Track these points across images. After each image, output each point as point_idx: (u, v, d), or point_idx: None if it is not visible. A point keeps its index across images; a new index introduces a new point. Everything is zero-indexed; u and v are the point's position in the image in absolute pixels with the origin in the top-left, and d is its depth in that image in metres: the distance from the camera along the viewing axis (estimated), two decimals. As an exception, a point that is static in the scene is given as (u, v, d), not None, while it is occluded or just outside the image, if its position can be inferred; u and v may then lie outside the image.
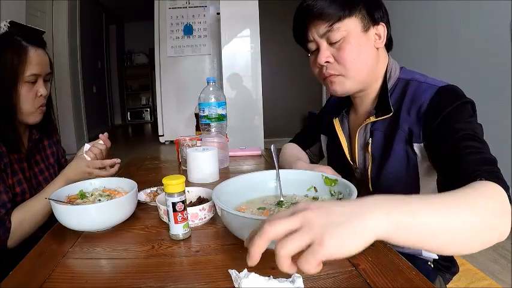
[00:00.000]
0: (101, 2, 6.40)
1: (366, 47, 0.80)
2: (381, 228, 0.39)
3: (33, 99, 0.96)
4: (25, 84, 0.94)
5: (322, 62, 0.80)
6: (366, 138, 0.87)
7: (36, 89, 0.97)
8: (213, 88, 1.22)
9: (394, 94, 0.83)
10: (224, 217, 0.62)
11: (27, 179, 1.00)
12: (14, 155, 0.97)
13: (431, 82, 0.78)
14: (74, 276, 0.56)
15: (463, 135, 0.67)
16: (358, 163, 0.90)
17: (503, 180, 0.57)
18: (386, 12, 0.83)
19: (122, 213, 0.74)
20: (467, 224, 0.45)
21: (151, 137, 6.09)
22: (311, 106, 5.08)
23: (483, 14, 2.54)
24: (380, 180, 0.84)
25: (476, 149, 0.64)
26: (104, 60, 6.86)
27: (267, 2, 4.30)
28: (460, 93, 0.75)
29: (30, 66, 0.93)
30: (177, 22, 4.84)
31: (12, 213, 0.87)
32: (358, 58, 0.79)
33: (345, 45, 0.78)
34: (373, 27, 0.80)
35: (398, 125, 0.79)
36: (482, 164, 0.60)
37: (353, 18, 0.78)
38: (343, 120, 0.95)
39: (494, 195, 0.52)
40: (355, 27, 0.78)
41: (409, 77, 0.83)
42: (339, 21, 0.77)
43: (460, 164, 0.63)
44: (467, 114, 0.71)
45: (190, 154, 1.06)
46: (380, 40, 0.81)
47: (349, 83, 0.82)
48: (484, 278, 1.13)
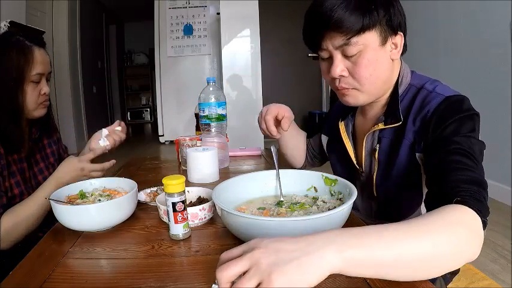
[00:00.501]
0: (101, 2, 6.40)
1: (383, 61, 0.76)
2: (334, 265, 0.39)
3: (37, 98, 0.98)
4: (30, 83, 0.95)
5: (336, 75, 0.76)
6: (373, 144, 0.85)
7: (40, 88, 0.98)
8: (213, 88, 1.22)
9: (404, 101, 0.80)
10: (224, 217, 0.62)
11: (27, 179, 1.00)
12: (13, 156, 0.96)
13: (439, 91, 0.75)
14: (74, 276, 0.56)
15: (455, 149, 0.64)
16: (365, 168, 0.88)
17: (483, 202, 0.55)
18: (404, 16, 0.77)
19: (122, 213, 0.74)
20: (426, 254, 0.45)
21: (151, 137, 6.09)
22: (311, 106, 5.08)
23: (483, 14, 2.54)
24: (384, 186, 0.84)
25: (464, 165, 0.61)
26: (104, 60, 6.86)
27: (267, 2, 4.30)
28: (466, 105, 0.71)
29: (35, 65, 0.94)
30: (177, 22, 4.84)
31: (2, 217, 0.85)
32: (374, 74, 0.75)
33: (361, 60, 0.73)
34: (391, 38, 0.75)
35: (404, 134, 0.77)
36: (466, 183, 0.57)
37: (372, 32, 0.72)
38: (348, 124, 0.93)
39: (463, 221, 0.50)
40: (373, 41, 0.73)
41: (420, 84, 0.80)
42: (358, 35, 0.71)
43: (443, 180, 0.60)
44: (468, 128, 0.67)
45: (190, 154, 1.06)
46: (396, 50, 0.77)
47: (363, 97, 0.80)
48: (484, 278, 1.13)
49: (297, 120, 5.58)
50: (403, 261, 0.43)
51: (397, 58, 0.79)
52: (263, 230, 0.55)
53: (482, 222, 0.52)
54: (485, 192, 0.58)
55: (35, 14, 3.89)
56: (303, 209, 0.71)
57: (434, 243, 0.45)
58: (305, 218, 0.56)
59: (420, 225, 0.47)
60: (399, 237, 0.44)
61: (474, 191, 0.56)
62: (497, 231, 2.02)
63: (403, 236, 0.44)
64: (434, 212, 0.51)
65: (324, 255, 0.40)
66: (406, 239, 0.44)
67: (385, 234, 0.44)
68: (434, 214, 0.51)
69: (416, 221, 0.48)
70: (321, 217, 0.55)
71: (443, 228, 0.48)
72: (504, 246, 1.87)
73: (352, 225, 0.68)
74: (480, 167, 0.63)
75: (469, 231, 0.50)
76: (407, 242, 0.44)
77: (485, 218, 0.54)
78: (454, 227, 0.49)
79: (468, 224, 0.51)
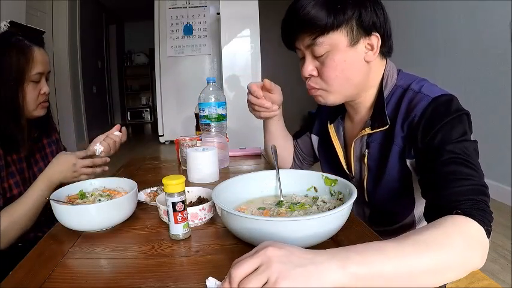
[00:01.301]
0: (101, 2, 6.40)
1: (352, 62, 0.74)
2: (337, 280, 0.40)
3: (37, 98, 0.98)
4: (30, 83, 0.95)
5: (306, 75, 0.78)
6: (362, 150, 0.84)
7: (40, 88, 0.98)
8: (213, 88, 1.22)
9: (390, 104, 0.78)
10: (224, 217, 0.62)
11: (26, 180, 1.00)
12: (12, 156, 0.96)
13: (425, 92, 0.72)
14: (74, 276, 0.56)
15: (450, 159, 0.62)
16: (355, 173, 0.87)
17: (485, 210, 0.55)
18: (386, 17, 0.75)
19: (122, 213, 0.74)
20: (428, 266, 0.45)
21: (151, 137, 6.09)
22: (311, 106, 5.06)
23: (483, 14, 2.54)
24: (376, 192, 0.82)
25: (461, 175, 0.59)
26: (104, 60, 6.86)
27: (267, 2, 4.30)
28: (454, 105, 0.68)
29: (35, 65, 0.95)
30: (177, 22, 4.84)
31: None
32: (341, 75, 0.75)
33: (328, 61, 0.74)
34: (364, 39, 0.73)
35: (393, 139, 0.75)
36: (466, 195, 0.56)
37: (339, 32, 0.71)
38: (338, 127, 0.91)
39: (465, 232, 0.51)
40: (341, 42, 0.72)
41: (406, 84, 0.77)
42: (323, 35, 0.71)
43: (441, 195, 0.59)
44: (459, 131, 0.65)
45: (190, 154, 1.06)
46: (372, 51, 0.75)
47: (332, 97, 0.79)
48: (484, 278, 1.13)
49: (297, 120, 5.57)
50: (405, 276, 0.44)
51: (373, 60, 0.76)
52: (263, 230, 0.55)
53: (486, 230, 0.52)
54: (487, 197, 0.58)
55: (35, 14, 3.89)
56: (303, 209, 0.71)
57: (436, 258, 0.46)
58: (305, 218, 0.56)
59: (421, 240, 0.48)
60: (401, 253, 0.45)
61: (475, 201, 0.56)
62: (497, 231, 2.02)
63: (403, 253, 0.45)
64: (436, 224, 0.52)
65: (329, 269, 0.41)
66: (407, 255, 0.45)
67: (387, 250, 0.45)
68: (435, 226, 0.51)
69: (417, 235, 0.49)
70: (321, 217, 0.55)
71: (444, 241, 0.48)
72: (504, 246, 1.87)
73: (352, 226, 0.68)
74: (478, 170, 0.61)
75: (471, 242, 0.50)
76: (409, 258, 0.45)
77: (489, 226, 0.54)
78: (456, 240, 0.49)
79: (470, 235, 0.51)
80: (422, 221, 0.84)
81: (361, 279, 0.42)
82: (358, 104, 0.84)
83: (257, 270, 0.40)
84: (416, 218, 0.84)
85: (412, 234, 0.49)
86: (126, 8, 6.86)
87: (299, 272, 0.39)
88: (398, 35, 4.35)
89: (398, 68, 0.83)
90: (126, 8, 6.86)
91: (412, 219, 0.84)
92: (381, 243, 0.46)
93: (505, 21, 2.33)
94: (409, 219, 0.84)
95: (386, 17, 0.75)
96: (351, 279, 0.41)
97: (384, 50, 0.78)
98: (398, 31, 4.17)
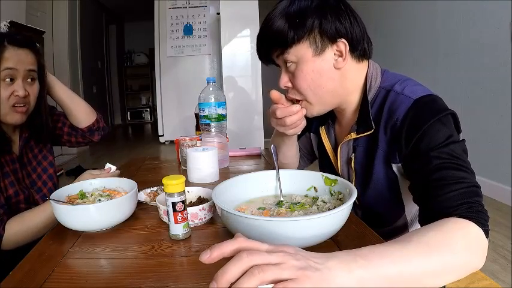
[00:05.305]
0: (101, 2, 6.40)
1: (321, 71, 0.74)
2: (344, 283, 0.41)
3: (7, 99, 0.91)
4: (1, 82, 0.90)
5: (281, 86, 0.79)
6: (349, 154, 0.84)
7: (13, 89, 0.92)
8: (213, 88, 1.22)
9: (374, 107, 0.77)
10: (224, 217, 0.62)
11: (20, 179, 1.00)
12: (5, 157, 0.96)
13: (408, 93, 0.70)
14: (74, 276, 0.56)
15: (438, 165, 0.61)
16: (343, 177, 0.87)
17: (481, 211, 0.56)
18: (352, 21, 0.73)
19: (122, 213, 0.74)
20: (431, 268, 0.47)
21: (151, 137, 6.09)
22: (311, 106, 5.07)
23: (483, 14, 2.54)
24: (365, 195, 0.82)
25: (452, 179, 0.59)
26: (104, 60, 6.86)
27: (267, 2, 4.29)
28: (437, 106, 0.67)
29: (3, 61, 0.89)
30: (177, 22, 4.84)
31: (9, 221, 0.86)
32: (312, 84, 0.75)
33: (298, 72, 0.75)
34: (331, 47, 0.73)
35: (378, 143, 0.75)
36: (460, 199, 0.57)
37: (302, 44, 0.72)
38: (329, 130, 0.91)
39: (465, 234, 0.52)
40: (305, 53, 0.73)
41: (390, 85, 0.75)
42: (289, 48, 0.73)
43: (435, 201, 0.59)
44: (444, 134, 0.63)
45: (190, 154, 1.06)
46: (342, 58, 0.74)
47: (315, 108, 0.80)
48: (484, 278, 1.13)
49: (297, 120, 5.49)
50: (408, 277, 0.45)
51: (343, 66, 0.75)
52: (263, 230, 0.55)
53: (484, 231, 0.54)
54: (480, 197, 0.59)
55: (35, 14, 3.90)
56: (303, 209, 0.71)
57: (439, 260, 0.48)
58: (305, 218, 0.56)
59: (424, 242, 0.49)
60: (405, 256, 0.46)
61: (469, 204, 0.57)
62: (497, 231, 2.02)
63: (407, 256, 0.46)
64: (437, 226, 0.53)
65: (337, 274, 0.41)
66: (412, 258, 0.46)
67: (392, 253, 0.46)
68: (437, 228, 0.52)
69: (420, 237, 0.50)
70: (321, 217, 0.55)
71: (447, 243, 0.50)
72: (504, 246, 1.87)
73: (352, 226, 0.68)
74: (468, 170, 0.61)
75: (472, 244, 0.52)
76: (413, 261, 0.46)
77: (487, 227, 0.55)
78: (457, 242, 0.50)
79: (470, 237, 0.53)
80: (414, 223, 0.85)
81: (367, 282, 0.42)
82: (344, 109, 0.84)
83: (280, 265, 0.39)
84: (408, 221, 0.85)
85: (415, 235, 0.50)
86: (126, 8, 6.87)
87: (317, 275, 0.39)
88: (398, 36, 4.34)
89: (383, 69, 0.81)
90: (126, 8, 6.87)
91: (404, 222, 0.84)
92: (385, 246, 0.47)
93: (505, 21, 2.33)
94: (401, 222, 0.84)
95: (353, 20, 0.73)
96: (357, 283, 0.42)
97: (356, 54, 0.76)
98: (398, 32, 4.15)
